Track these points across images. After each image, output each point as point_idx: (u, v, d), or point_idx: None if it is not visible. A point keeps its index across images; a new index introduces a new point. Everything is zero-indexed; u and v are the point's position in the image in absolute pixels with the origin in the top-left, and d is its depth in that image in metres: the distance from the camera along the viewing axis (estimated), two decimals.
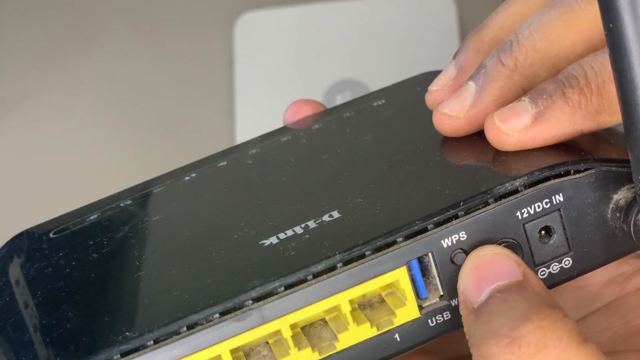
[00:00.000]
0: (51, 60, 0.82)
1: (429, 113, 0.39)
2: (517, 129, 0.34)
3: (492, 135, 0.35)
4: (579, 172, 0.33)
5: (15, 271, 0.39)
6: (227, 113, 0.76)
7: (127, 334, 0.31)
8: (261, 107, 0.75)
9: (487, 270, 0.32)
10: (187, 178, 0.43)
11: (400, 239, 0.32)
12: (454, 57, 0.40)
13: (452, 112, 0.37)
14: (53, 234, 0.40)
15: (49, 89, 0.81)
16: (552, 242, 0.34)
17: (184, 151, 0.76)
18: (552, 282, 0.34)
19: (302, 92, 0.75)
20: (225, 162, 0.43)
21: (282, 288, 0.31)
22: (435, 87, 0.39)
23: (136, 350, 0.31)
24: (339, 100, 0.74)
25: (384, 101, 0.46)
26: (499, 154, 0.36)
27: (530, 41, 0.36)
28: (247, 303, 0.31)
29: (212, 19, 0.80)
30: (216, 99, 0.78)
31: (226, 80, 0.78)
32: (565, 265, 0.34)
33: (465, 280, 0.32)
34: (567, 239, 0.34)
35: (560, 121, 0.34)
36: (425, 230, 0.32)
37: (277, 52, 0.76)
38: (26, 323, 0.35)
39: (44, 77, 0.82)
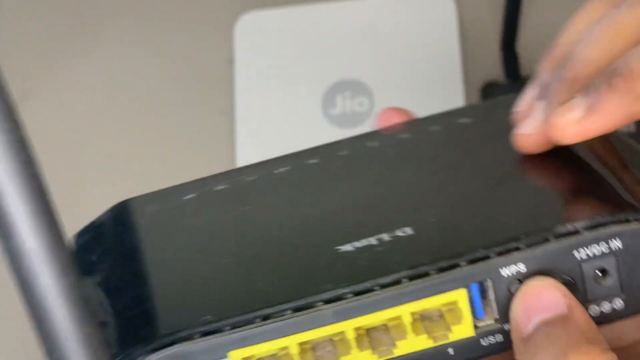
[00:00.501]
0: (51, 60, 0.82)
1: (509, 136, 0.42)
2: (572, 122, 0.37)
3: (553, 133, 0.38)
4: (638, 221, 0.36)
5: (114, 239, 0.42)
6: (226, 113, 0.76)
7: (209, 317, 0.35)
8: (261, 107, 0.75)
9: (535, 300, 0.34)
10: (279, 171, 0.45)
11: (464, 263, 0.35)
12: (534, 79, 0.44)
13: (526, 132, 0.40)
14: (151, 209, 0.43)
15: (49, 89, 0.81)
16: (606, 283, 0.36)
17: (183, 150, 0.77)
18: (602, 319, 0.36)
19: (302, 92, 0.75)
20: (316, 160, 0.47)
21: (351, 295, 0.35)
22: (518, 109, 0.42)
23: (214, 332, 0.34)
24: (339, 100, 0.74)
25: (469, 120, 0.48)
26: (567, 189, 0.40)
27: (584, 54, 0.39)
28: (318, 304, 0.34)
29: (212, 19, 0.81)
30: (216, 99, 0.78)
31: (226, 80, 0.78)
32: (616, 306, 0.36)
33: (516, 310, 0.35)
34: (620, 282, 0.36)
35: (610, 109, 0.36)
36: (487, 257, 0.35)
37: (277, 52, 0.76)
38: (122, 290, 0.38)
39: (45, 77, 0.82)
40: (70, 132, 0.80)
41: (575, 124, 0.37)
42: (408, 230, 0.38)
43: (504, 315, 0.36)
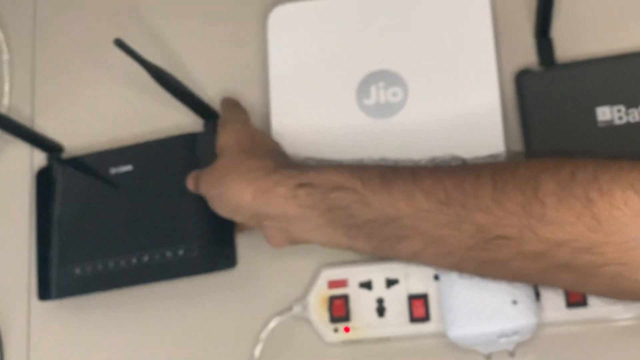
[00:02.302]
0: (89, 56, 0.83)
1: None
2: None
3: None
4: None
5: None
6: (262, 105, 0.77)
7: None
8: (295, 99, 0.75)
9: None
10: None
11: None
12: None
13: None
14: None
15: (87, 85, 0.82)
16: None
17: None
18: None
19: (335, 84, 0.75)
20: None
21: None
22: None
23: None
24: (373, 91, 0.74)
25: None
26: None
27: None
28: None
29: (245, 12, 0.81)
30: (251, 91, 0.78)
31: (261, 72, 0.78)
32: None
33: None
34: None
35: None
36: None
37: (310, 44, 0.76)
38: None
39: (82, 73, 0.83)
40: (108, 125, 0.80)
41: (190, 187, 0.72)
42: None
43: None
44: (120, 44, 0.66)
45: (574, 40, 0.73)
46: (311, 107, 0.75)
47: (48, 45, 0.84)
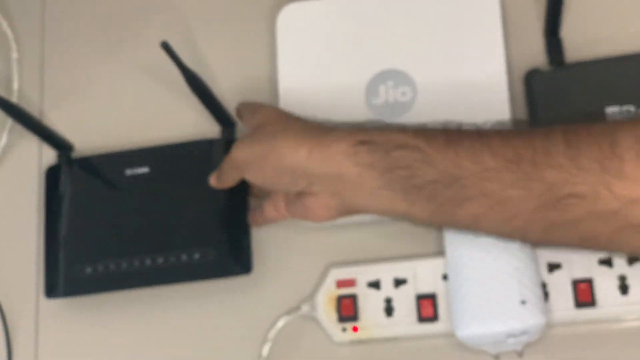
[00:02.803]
0: (97, 55, 0.83)
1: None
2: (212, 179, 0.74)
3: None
4: None
5: None
6: (271, 104, 0.77)
7: None
8: (304, 97, 0.75)
9: None
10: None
11: None
12: None
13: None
14: None
15: (97, 81, 0.82)
16: None
17: None
18: None
19: (344, 83, 0.75)
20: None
21: None
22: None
23: None
24: (382, 90, 0.74)
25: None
26: None
27: None
28: None
29: (255, 11, 0.81)
30: (260, 91, 0.78)
31: (270, 71, 0.78)
32: None
33: None
34: None
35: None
36: None
37: (319, 43, 0.76)
38: None
39: (92, 70, 0.83)
40: (117, 123, 0.80)
41: (212, 183, 0.72)
42: None
43: None
44: (166, 47, 0.67)
45: (584, 39, 0.73)
46: (320, 106, 0.75)
47: (57, 44, 0.85)
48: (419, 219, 0.62)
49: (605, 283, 0.67)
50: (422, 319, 0.69)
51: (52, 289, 0.76)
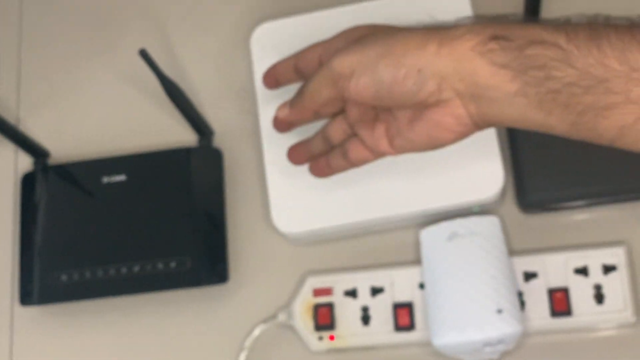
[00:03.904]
0: (76, 60, 0.83)
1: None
2: (282, 114, 0.66)
3: (275, 119, 0.67)
4: None
5: None
6: (251, 121, 0.77)
7: None
8: None
9: None
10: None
11: None
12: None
13: (275, 115, 0.68)
14: None
15: (74, 88, 0.82)
16: None
17: None
18: None
19: None
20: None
21: None
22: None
23: None
24: None
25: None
26: None
27: (305, 85, 0.64)
28: None
29: (233, 22, 0.81)
30: (239, 99, 0.78)
31: (248, 80, 0.78)
32: None
33: None
34: None
35: (299, 109, 0.64)
36: None
37: None
38: None
39: (69, 77, 0.82)
40: (93, 129, 0.80)
41: (282, 115, 0.64)
42: None
43: None
44: (144, 55, 0.67)
45: None
46: None
47: (34, 51, 0.84)
48: (558, 131, 0.54)
49: (580, 292, 0.67)
50: (398, 327, 0.69)
51: (27, 297, 0.75)
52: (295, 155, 0.68)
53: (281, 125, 0.66)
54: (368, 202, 0.70)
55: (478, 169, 0.69)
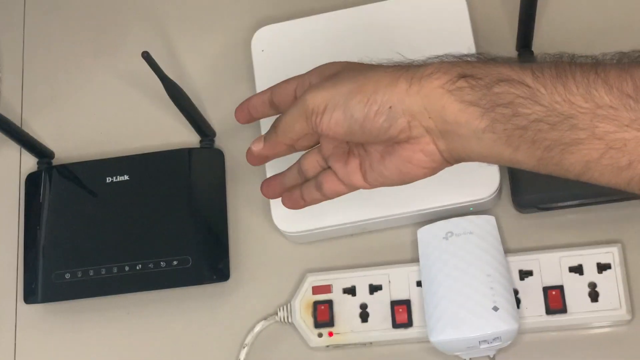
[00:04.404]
0: (79, 62, 0.84)
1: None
2: (256, 148, 0.64)
3: (249, 153, 0.66)
4: None
5: None
6: (252, 124, 0.78)
7: None
8: None
9: None
10: None
11: None
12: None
13: (251, 149, 0.67)
14: None
15: (77, 90, 0.83)
16: None
17: None
18: None
19: None
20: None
21: None
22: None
23: None
24: None
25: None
26: None
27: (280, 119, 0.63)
28: None
29: (235, 24, 0.82)
30: (240, 101, 0.79)
31: (249, 81, 0.79)
32: None
33: None
34: None
35: (270, 144, 0.64)
36: None
37: (295, 62, 0.76)
38: None
39: (72, 78, 0.83)
40: (96, 131, 0.81)
41: (257, 149, 0.63)
42: None
43: None
44: (147, 57, 0.67)
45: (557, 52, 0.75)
46: None
47: (37, 52, 0.85)
48: (525, 167, 0.55)
49: (575, 290, 0.68)
50: (396, 324, 0.70)
51: (31, 295, 0.76)
52: (270, 189, 0.68)
53: (255, 159, 0.65)
54: (366, 202, 0.71)
55: (474, 170, 0.70)
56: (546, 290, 0.69)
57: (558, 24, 0.76)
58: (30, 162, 0.81)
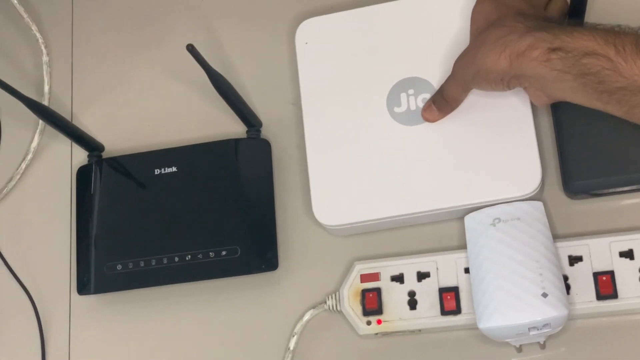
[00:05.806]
0: (126, 56, 0.85)
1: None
2: (428, 113, 0.74)
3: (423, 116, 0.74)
4: None
5: None
6: (294, 115, 0.78)
7: None
8: (326, 108, 0.75)
9: None
10: None
11: None
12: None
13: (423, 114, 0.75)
14: None
15: (124, 83, 0.84)
16: None
17: None
18: None
19: (366, 92, 0.75)
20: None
21: None
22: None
23: None
24: (403, 98, 0.74)
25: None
26: None
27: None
28: None
29: (278, 15, 0.82)
30: (284, 91, 0.80)
31: (293, 71, 0.79)
32: None
33: None
34: None
35: (439, 111, 0.74)
36: None
37: (339, 55, 0.76)
38: None
39: (120, 72, 0.84)
40: (144, 123, 0.82)
41: (433, 119, 0.73)
42: None
43: None
44: (191, 49, 0.68)
45: None
46: (342, 116, 0.75)
47: (86, 47, 0.86)
48: (616, 115, 0.65)
49: (626, 275, 0.68)
50: (445, 311, 0.70)
51: (84, 286, 0.77)
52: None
53: (431, 121, 0.75)
54: (406, 197, 0.71)
55: (516, 165, 0.70)
56: (596, 275, 0.68)
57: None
58: (81, 156, 0.82)
